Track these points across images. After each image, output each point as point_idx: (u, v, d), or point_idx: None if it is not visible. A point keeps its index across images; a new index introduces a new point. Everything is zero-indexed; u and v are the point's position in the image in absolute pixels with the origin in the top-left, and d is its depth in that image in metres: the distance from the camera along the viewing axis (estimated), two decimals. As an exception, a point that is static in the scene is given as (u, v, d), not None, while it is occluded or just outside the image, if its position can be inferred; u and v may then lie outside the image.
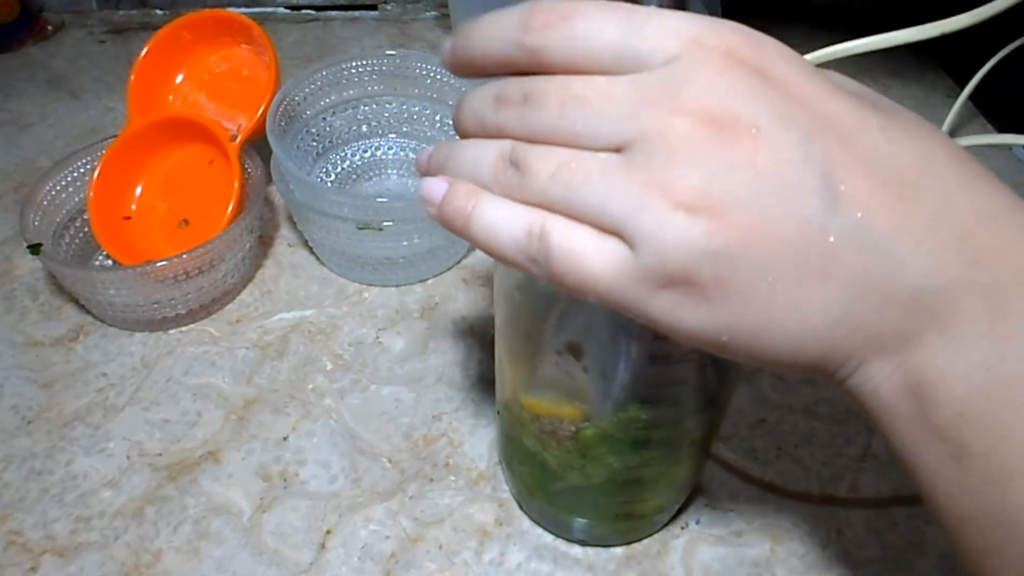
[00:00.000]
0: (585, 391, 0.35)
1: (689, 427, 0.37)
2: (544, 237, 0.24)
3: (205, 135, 0.59)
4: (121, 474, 0.47)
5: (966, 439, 0.23)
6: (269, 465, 0.48)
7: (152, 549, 0.44)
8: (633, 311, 0.24)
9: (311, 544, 0.45)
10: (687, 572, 0.44)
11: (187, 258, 0.51)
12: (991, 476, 0.23)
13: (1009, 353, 0.22)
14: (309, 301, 0.58)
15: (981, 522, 0.24)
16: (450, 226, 0.26)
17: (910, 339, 0.23)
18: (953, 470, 0.24)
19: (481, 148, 0.26)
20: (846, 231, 0.22)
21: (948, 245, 0.23)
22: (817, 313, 0.23)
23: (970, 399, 0.23)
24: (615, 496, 0.40)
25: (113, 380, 0.53)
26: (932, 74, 0.83)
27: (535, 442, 0.39)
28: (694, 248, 0.22)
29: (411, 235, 0.54)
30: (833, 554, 0.45)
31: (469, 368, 0.53)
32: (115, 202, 0.59)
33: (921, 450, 0.24)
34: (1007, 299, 0.23)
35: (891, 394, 0.24)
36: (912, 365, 0.24)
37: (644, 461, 0.38)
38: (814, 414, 0.51)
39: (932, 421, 0.24)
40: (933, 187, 0.23)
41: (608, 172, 0.23)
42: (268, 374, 0.53)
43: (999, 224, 0.23)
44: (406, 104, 0.64)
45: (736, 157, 0.22)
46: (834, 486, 0.48)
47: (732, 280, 0.23)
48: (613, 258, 0.23)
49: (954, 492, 0.24)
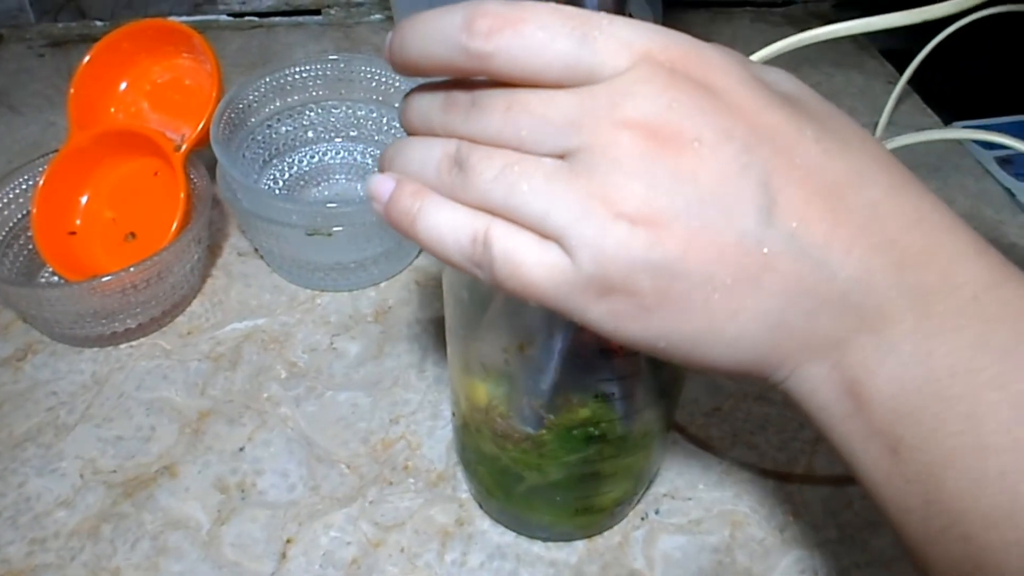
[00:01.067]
0: (534, 387, 0.35)
1: (643, 419, 0.37)
2: (488, 243, 0.24)
3: (149, 146, 0.58)
4: (75, 493, 0.47)
5: (901, 434, 0.24)
6: (226, 477, 0.48)
7: (110, 567, 0.44)
8: (573, 317, 0.25)
9: (272, 554, 0.44)
10: (648, 562, 0.44)
11: (134, 271, 0.50)
12: (927, 468, 0.24)
13: (935, 349, 0.23)
14: (261, 310, 0.57)
15: (921, 512, 0.24)
16: (396, 226, 0.27)
17: (843, 341, 0.24)
18: (891, 464, 0.24)
19: (427, 146, 0.26)
20: (781, 241, 0.23)
21: (876, 251, 0.23)
22: (753, 320, 0.24)
23: (902, 396, 0.24)
24: (574, 491, 0.41)
25: (64, 398, 0.52)
26: (872, 61, 0.85)
27: (491, 444, 0.39)
28: (634, 259, 0.23)
29: (361, 240, 0.54)
30: (791, 536, 0.45)
31: (425, 370, 0.53)
32: (59, 217, 0.58)
33: (860, 447, 0.25)
34: (932, 299, 0.24)
35: (827, 395, 0.25)
36: (846, 366, 0.24)
37: (600, 455, 0.38)
38: (768, 400, 0.52)
39: (868, 418, 0.24)
40: (863, 196, 0.24)
41: (551, 179, 0.23)
42: (222, 385, 0.52)
43: (924, 228, 0.24)
44: (352, 108, 0.63)
45: (678, 169, 0.23)
46: (789, 469, 0.49)
47: (671, 290, 0.23)
48: (554, 266, 0.24)
49: (894, 485, 0.25)
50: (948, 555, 0.24)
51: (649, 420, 0.38)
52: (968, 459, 0.23)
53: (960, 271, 0.24)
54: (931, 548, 0.25)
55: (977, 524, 0.23)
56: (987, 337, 0.23)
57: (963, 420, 0.23)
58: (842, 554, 0.45)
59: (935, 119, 0.79)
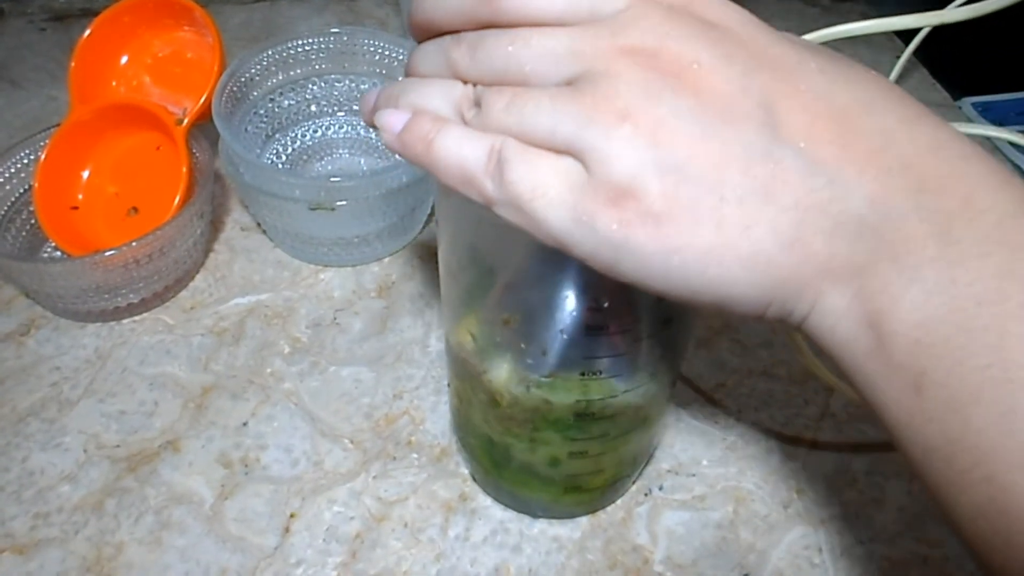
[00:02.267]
0: (525, 361, 0.35)
1: (632, 400, 0.37)
2: (503, 154, 0.24)
3: (151, 120, 0.58)
4: (79, 468, 0.47)
5: (924, 367, 0.23)
6: (229, 452, 0.48)
7: (113, 542, 0.44)
8: (580, 234, 0.24)
9: (275, 529, 0.44)
10: (652, 538, 0.44)
11: (136, 246, 0.50)
12: (951, 403, 0.23)
13: (959, 277, 0.22)
14: (264, 285, 0.57)
15: (945, 450, 0.23)
16: (408, 151, 0.27)
17: (863, 268, 0.23)
18: (914, 401, 0.23)
19: (444, 86, 0.27)
20: (789, 156, 0.23)
21: (892, 174, 0.23)
22: (768, 235, 0.23)
23: (925, 326, 0.23)
24: (562, 470, 0.40)
25: (67, 373, 0.52)
26: (880, 36, 0.83)
27: (481, 416, 0.39)
28: (640, 160, 0.23)
29: (364, 214, 0.53)
30: (795, 512, 0.45)
31: (428, 345, 0.53)
32: (61, 192, 0.58)
33: (883, 384, 0.24)
34: (954, 225, 0.23)
35: (849, 329, 0.24)
36: (867, 295, 0.24)
37: (588, 435, 0.38)
38: (773, 376, 0.52)
39: (890, 353, 0.23)
40: (874, 124, 0.24)
41: (556, 98, 0.24)
42: (225, 360, 0.52)
43: (942, 155, 0.23)
44: (355, 82, 0.63)
45: (679, 86, 0.23)
46: (794, 446, 0.48)
47: (680, 196, 0.23)
48: (566, 172, 0.24)
49: (917, 423, 0.24)
50: (971, 499, 0.23)
51: (638, 402, 0.37)
52: (994, 394, 0.22)
53: (982, 197, 0.23)
54: (954, 492, 0.24)
55: (1001, 464, 0.22)
56: (1013, 265, 0.22)
57: (989, 352, 0.22)
58: (846, 530, 0.45)
59: (943, 94, 0.79)
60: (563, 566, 0.43)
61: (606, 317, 0.32)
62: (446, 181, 0.26)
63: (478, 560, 0.43)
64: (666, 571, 0.43)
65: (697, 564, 0.43)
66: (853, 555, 0.44)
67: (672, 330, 0.35)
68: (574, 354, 0.34)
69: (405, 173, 0.52)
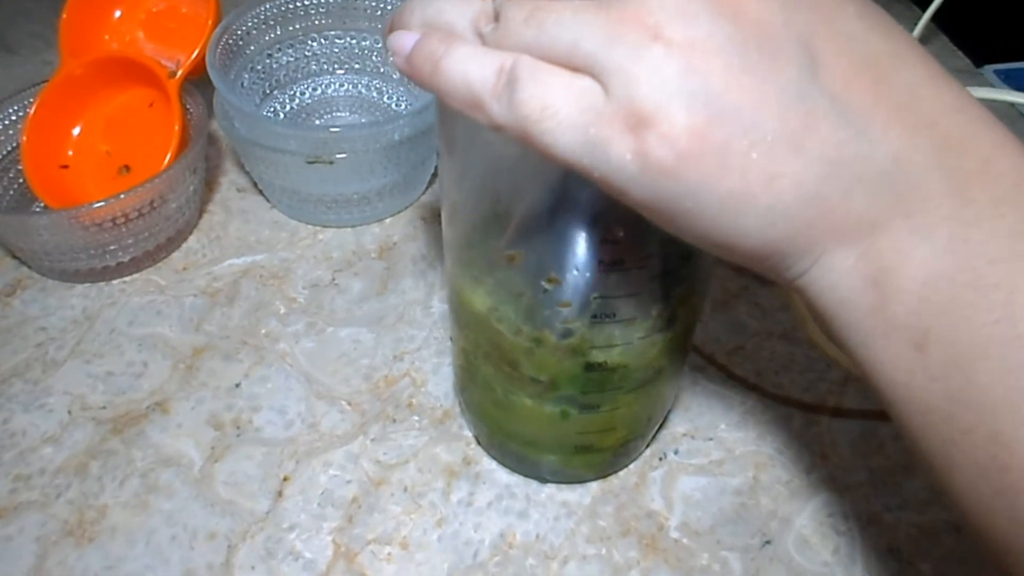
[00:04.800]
0: (534, 303, 0.32)
1: (647, 349, 0.34)
2: (513, 71, 0.22)
3: (144, 75, 0.55)
4: (62, 429, 0.44)
5: (929, 325, 0.22)
6: (221, 413, 0.45)
7: (96, 505, 0.41)
8: (590, 161, 0.22)
9: (267, 492, 0.42)
10: (667, 503, 0.42)
11: (125, 199, 0.48)
12: (956, 361, 0.22)
13: (973, 236, 0.22)
14: (260, 246, 0.55)
15: (947, 411, 0.23)
16: (416, 73, 0.24)
17: (876, 224, 0.23)
18: (915, 360, 0.23)
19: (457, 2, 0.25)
20: (823, 103, 0.22)
21: (916, 132, 0.22)
22: (791, 190, 0.22)
23: (933, 283, 0.22)
24: (572, 427, 0.38)
25: (53, 334, 0.49)
26: (898, 5, 0.81)
27: (486, 368, 0.37)
28: (670, 85, 0.21)
29: (364, 169, 0.51)
30: (819, 479, 0.43)
31: (431, 306, 0.51)
32: (51, 149, 0.55)
33: (882, 343, 0.24)
34: (972, 185, 0.22)
35: (851, 287, 0.23)
36: (875, 252, 0.23)
37: (600, 388, 0.35)
38: (793, 340, 0.49)
39: (893, 312, 0.23)
40: (903, 77, 0.23)
41: (582, 11, 0.22)
42: (218, 321, 0.50)
43: (964, 116, 0.23)
44: (356, 39, 0.60)
45: (717, 8, 0.21)
46: (816, 411, 0.46)
47: (709, 135, 0.21)
48: (581, 93, 0.22)
49: (917, 383, 0.23)
50: (972, 458, 0.23)
51: (656, 350, 0.35)
52: (1002, 350, 0.22)
53: (1001, 160, 0.23)
54: (954, 452, 0.23)
55: (1007, 420, 0.22)
56: None
57: (1000, 308, 0.22)
58: (873, 497, 0.42)
59: (965, 61, 0.76)
60: (573, 532, 0.41)
61: (620, 250, 0.30)
62: (454, 104, 0.24)
63: (482, 525, 0.41)
64: (682, 537, 0.40)
65: (715, 531, 0.41)
66: (881, 523, 0.41)
67: (691, 268, 0.32)
68: (586, 293, 0.31)
69: (407, 126, 0.50)
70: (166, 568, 0.39)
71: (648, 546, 0.40)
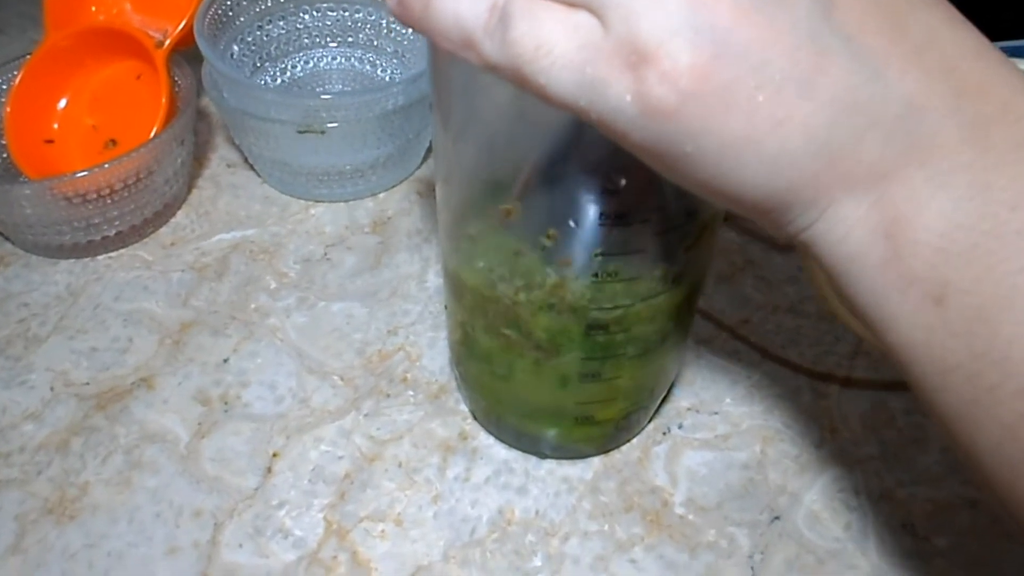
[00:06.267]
0: (533, 262, 0.31)
1: (651, 312, 0.33)
2: (506, 6, 0.21)
3: (131, 47, 0.53)
4: (44, 406, 0.43)
5: (948, 277, 0.21)
6: (208, 389, 0.44)
7: (78, 482, 0.40)
8: (587, 101, 0.20)
9: (256, 469, 0.40)
10: (672, 479, 0.40)
11: (109, 168, 0.46)
12: (978, 314, 0.21)
13: (994, 183, 0.21)
14: (250, 221, 0.53)
15: (970, 368, 0.21)
16: (408, 13, 0.23)
17: (888, 174, 0.21)
18: (934, 316, 0.22)
19: None
20: (836, 44, 0.20)
21: (933, 75, 0.21)
22: (799, 135, 0.20)
23: (952, 233, 0.21)
24: (572, 396, 0.36)
25: (36, 310, 0.48)
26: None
27: (481, 335, 0.35)
28: (674, 20, 0.19)
29: (357, 140, 0.49)
30: (828, 453, 0.41)
31: (426, 280, 0.49)
32: (35, 122, 0.54)
33: (896, 299, 0.22)
34: (991, 131, 0.21)
35: (861, 240, 0.22)
36: (889, 202, 0.21)
37: (601, 354, 0.34)
38: (800, 313, 0.48)
39: (908, 265, 0.22)
40: (920, 20, 0.21)
41: None
42: (206, 296, 0.48)
43: (982, 61, 0.22)
44: (349, 11, 0.59)
45: None
46: (825, 384, 0.44)
47: (713, 74, 0.19)
48: (578, 28, 0.20)
49: (935, 340, 0.22)
50: (998, 417, 0.22)
51: (660, 314, 0.33)
52: None
53: (1021, 104, 0.21)
54: (978, 412, 0.22)
55: None
56: None
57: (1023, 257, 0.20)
58: (885, 472, 0.41)
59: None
60: (574, 508, 0.39)
61: (623, 202, 0.28)
62: (445, 45, 0.22)
63: (479, 502, 0.39)
64: (688, 514, 0.39)
65: (722, 507, 0.39)
66: (894, 498, 0.40)
67: (697, 224, 0.31)
68: (586, 249, 0.30)
69: (401, 94, 0.48)
70: (149, 546, 0.38)
71: (652, 522, 0.39)
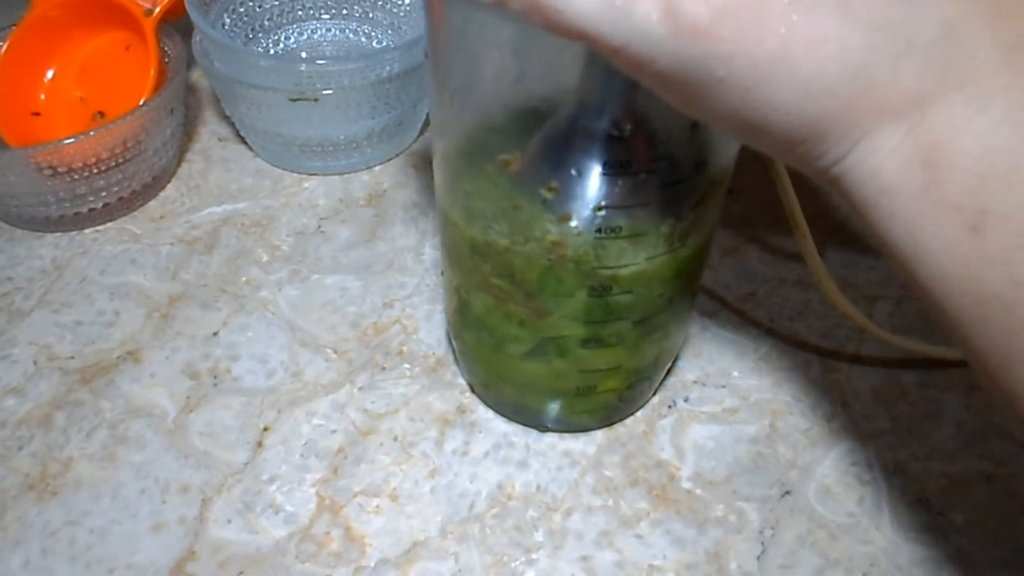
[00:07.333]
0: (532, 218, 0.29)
1: (655, 274, 0.31)
2: None
3: (120, 16, 0.52)
4: (26, 380, 0.41)
5: (987, 204, 0.20)
6: (197, 363, 0.42)
7: (61, 458, 0.38)
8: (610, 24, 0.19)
9: (246, 443, 0.39)
10: (678, 452, 0.39)
11: (96, 136, 0.45)
12: (1018, 241, 0.20)
13: None
14: (242, 194, 0.51)
15: (1008, 298, 0.21)
16: None
17: (924, 100, 0.20)
18: (971, 245, 0.21)
19: None
20: None
21: None
22: (834, 58, 0.19)
23: (991, 157, 0.20)
24: (573, 364, 0.35)
25: (19, 284, 0.46)
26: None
27: (478, 299, 0.33)
28: None
29: (352, 109, 0.48)
30: (839, 427, 0.40)
31: (423, 253, 0.47)
32: (22, 93, 0.52)
33: (930, 231, 0.21)
34: None
35: (896, 170, 0.21)
36: (924, 130, 0.20)
37: (604, 317, 0.32)
38: (807, 286, 0.46)
39: (944, 192, 0.21)
40: None
41: None
42: (196, 269, 0.47)
43: None
44: (344, -17, 0.57)
45: None
46: (834, 359, 0.43)
47: None
48: None
49: (972, 272, 0.21)
50: None
51: (665, 276, 0.32)
52: None
53: None
54: (1018, 344, 0.21)
55: None
56: None
57: None
58: (899, 445, 0.39)
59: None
60: (576, 483, 0.37)
61: (627, 149, 0.27)
62: None
63: (478, 476, 0.38)
64: (696, 488, 0.37)
65: (731, 480, 0.38)
66: (908, 472, 0.38)
67: (705, 178, 0.29)
68: (588, 201, 0.28)
69: (397, 61, 0.47)
70: (134, 522, 0.36)
71: (658, 497, 0.37)
